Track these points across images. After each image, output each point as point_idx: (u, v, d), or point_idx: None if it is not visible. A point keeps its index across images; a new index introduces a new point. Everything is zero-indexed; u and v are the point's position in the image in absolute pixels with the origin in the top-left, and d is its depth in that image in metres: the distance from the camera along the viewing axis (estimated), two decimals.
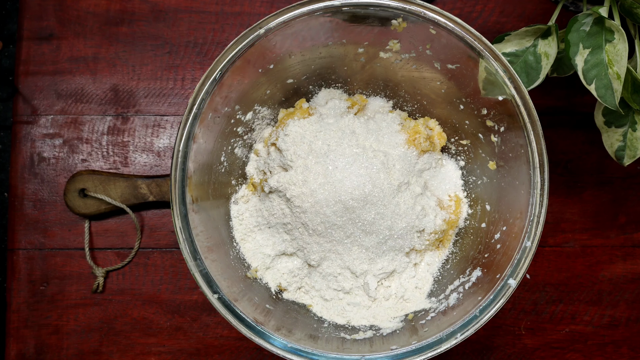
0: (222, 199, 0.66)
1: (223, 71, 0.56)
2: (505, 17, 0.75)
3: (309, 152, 0.62)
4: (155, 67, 0.75)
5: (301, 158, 0.61)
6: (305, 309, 0.65)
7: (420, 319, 0.61)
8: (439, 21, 0.56)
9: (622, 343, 0.73)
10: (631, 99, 0.59)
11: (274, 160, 0.64)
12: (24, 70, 0.74)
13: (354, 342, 0.59)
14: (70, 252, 0.73)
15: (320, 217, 0.61)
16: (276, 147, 0.64)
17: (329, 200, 0.60)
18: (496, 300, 0.55)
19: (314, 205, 0.60)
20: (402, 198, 0.63)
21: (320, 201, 0.60)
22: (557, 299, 0.73)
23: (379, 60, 0.64)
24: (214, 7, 0.75)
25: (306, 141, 0.63)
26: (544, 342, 0.73)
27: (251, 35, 0.56)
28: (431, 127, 0.67)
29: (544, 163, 0.56)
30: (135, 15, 0.75)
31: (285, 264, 0.66)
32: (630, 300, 0.73)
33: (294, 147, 0.62)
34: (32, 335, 0.72)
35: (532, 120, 0.56)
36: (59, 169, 0.74)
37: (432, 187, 0.68)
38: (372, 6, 0.56)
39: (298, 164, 0.61)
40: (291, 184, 0.61)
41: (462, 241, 0.67)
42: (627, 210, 0.74)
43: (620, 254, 0.73)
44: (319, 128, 0.64)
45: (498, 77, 0.56)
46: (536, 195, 0.56)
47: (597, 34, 0.56)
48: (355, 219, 0.61)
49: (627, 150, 0.62)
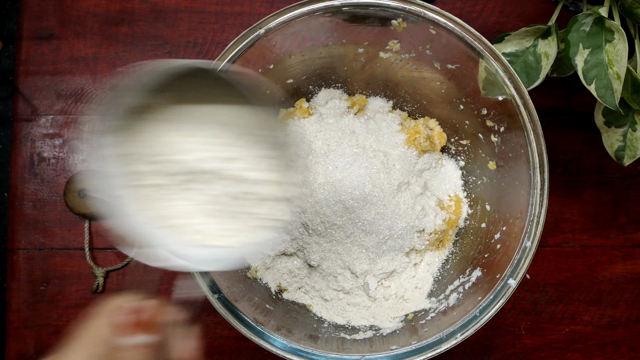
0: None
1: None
2: (505, 17, 0.75)
3: (309, 152, 0.62)
4: None
5: (301, 158, 0.61)
6: (305, 309, 0.65)
7: (420, 319, 0.61)
8: (439, 21, 0.56)
9: (622, 343, 0.73)
10: (631, 99, 0.59)
11: None
12: (24, 70, 0.74)
13: (353, 342, 0.59)
14: (70, 252, 0.73)
15: (320, 217, 0.61)
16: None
17: (329, 200, 0.60)
18: (496, 300, 0.55)
19: (314, 205, 0.60)
20: (402, 198, 0.63)
21: (320, 201, 0.60)
22: (557, 299, 0.73)
23: (379, 60, 0.64)
24: (214, 7, 0.75)
25: (306, 141, 0.63)
26: (544, 342, 0.73)
27: (251, 36, 0.56)
28: (431, 127, 0.67)
29: (544, 163, 0.56)
30: (135, 15, 0.75)
31: (285, 264, 0.66)
32: (630, 301, 0.73)
33: (294, 147, 0.62)
34: (32, 335, 0.72)
35: (532, 121, 0.56)
36: (59, 169, 0.74)
37: (432, 187, 0.68)
38: (372, 6, 0.56)
39: (298, 164, 0.61)
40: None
41: (462, 241, 0.67)
42: (627, 210, 0.74)
43: (620, 254, 0.73)
44: (319, 128, 0.64)
45: (498, 77, 0.56)
46: (536, 195, 0.56)
47: (597, 34, 0.56)
48: (355, 219, 0.61)
49: (627, 150, 0.62)
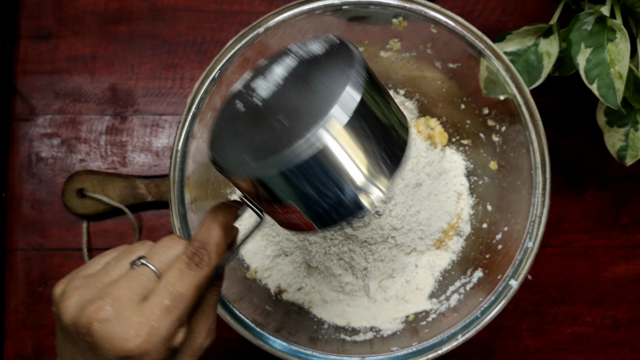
0: (222, 199, 0.65)
1: (222, 70, 0.56)
2: (506, 16, 0.74)
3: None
4: (153, 66, 0.74)
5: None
6: (305, 310, 0.65)
7: (421, 320, 0.61)
8: (440, 20, 0.56)
9: (624, 344, 0.73)
10: (633, 98, 0.58)
11: None
12: (22, 69, 0.74)
13: (354, 343, 0.59)
14: (68, 252, 0.73)
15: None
16: None
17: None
18: (497, 301, 0.55)
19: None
20: (403, 198, 0.62)
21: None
22: (558, 300, 0.73)
23: (379, 59, 0.64)
24: (213, 5, 0.75)
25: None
26: (545, 344, 0.73)
27: (250, 34, 0.56)
28: (432, 126, 0.67)
29: (545, 163, 0.55)
30: (133, 14, 0.75)
31: (285, 265, 0.65)
32: (632, 302, 0.73)
33: None
34: (30, 336, 0.72)
35: (534, 120, 0.56)
36: (57, 169, 0.74)
37: (433, 187, 0.67)
38: (373, 4, 0.56)
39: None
40: None
41: (464, 242, 0.67)
42: (630, 210, 0.73)
43: (622, 254, 0.73)
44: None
45: (499, 77, 0.56)
46: (538, 195, 0.56)
47: (599, 33, 0.56)
48: (356, 219, 0.61)
49: (629, 150, 0.62)
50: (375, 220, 0.61)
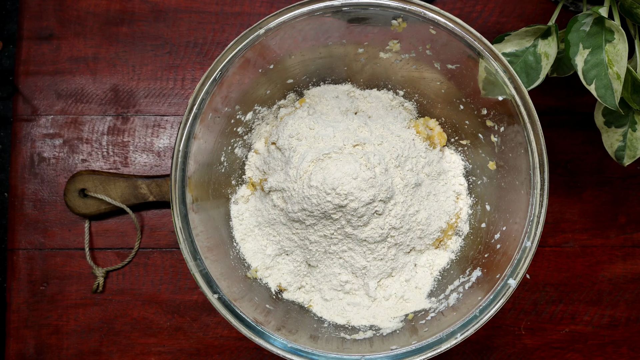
0: (222, 198, 0.66)
1: (223, 71, 0.56)
2: (505, 17, 0.75)
3: (309, 151, 0.62)
4: (155, 67, 0.75)
5: (301, 157, 0.61)
6: (305, 309, 0.65)
7: (420, 319, 0.61)
8: (439, 21, 0.56)
9: (622, 343, 0.73)
10: (631, 99, 0.59)
11: (274, 159, 0.64)
12: (24, 70, 0.74)
13: (354, 342, 0.59)
14: (70, 252, 0.73)
15: (321, 217, 0.61)
16: (276, 146, 0.64)
17: (329, 200, 0.60)
18: (496, 300, 0.55)
19: (314, 205, 0.60)
20: (402, 198, 0.63)
21: (320, 201, 0.60)
22: (557, 299, 0.73)
23: (379, 60, 0.64)
24: (214, 7, 0.75)
25: (306, 140, 0.63)
26: (544, 342, 0.73)
27: (251, 36, 0.56)
28: (431, 127, 0.67)
29: (544, 163, 0.56)
30: (135, 15, 0.75)
31: (285, 264, 0.66)
32: (630, 300, 0.73)
33: (294, 146, 0.62)
34: (32, 335, 0.72)
35: (532, 121, 0.56)
36: (59, 169, 0.74)
37: (432, 187, 0.68)
38: (372, 6, 0.56)
39: (298, 163, 0.61)
40: (291, 182, 0.61)
41: (462, 241, 0.67)
42: (627, 210, 0.74)
43: (620, 254, 0.73)
44: (311, 124, 0.64)
45: (498, 77, 0.56)
46: (536, 195, 0.56)
47: (597, 34, 0.56)
48: (355, 219, 0.61)
49: (627, 150, 0.62)
50: (375, 219, 0.61)
